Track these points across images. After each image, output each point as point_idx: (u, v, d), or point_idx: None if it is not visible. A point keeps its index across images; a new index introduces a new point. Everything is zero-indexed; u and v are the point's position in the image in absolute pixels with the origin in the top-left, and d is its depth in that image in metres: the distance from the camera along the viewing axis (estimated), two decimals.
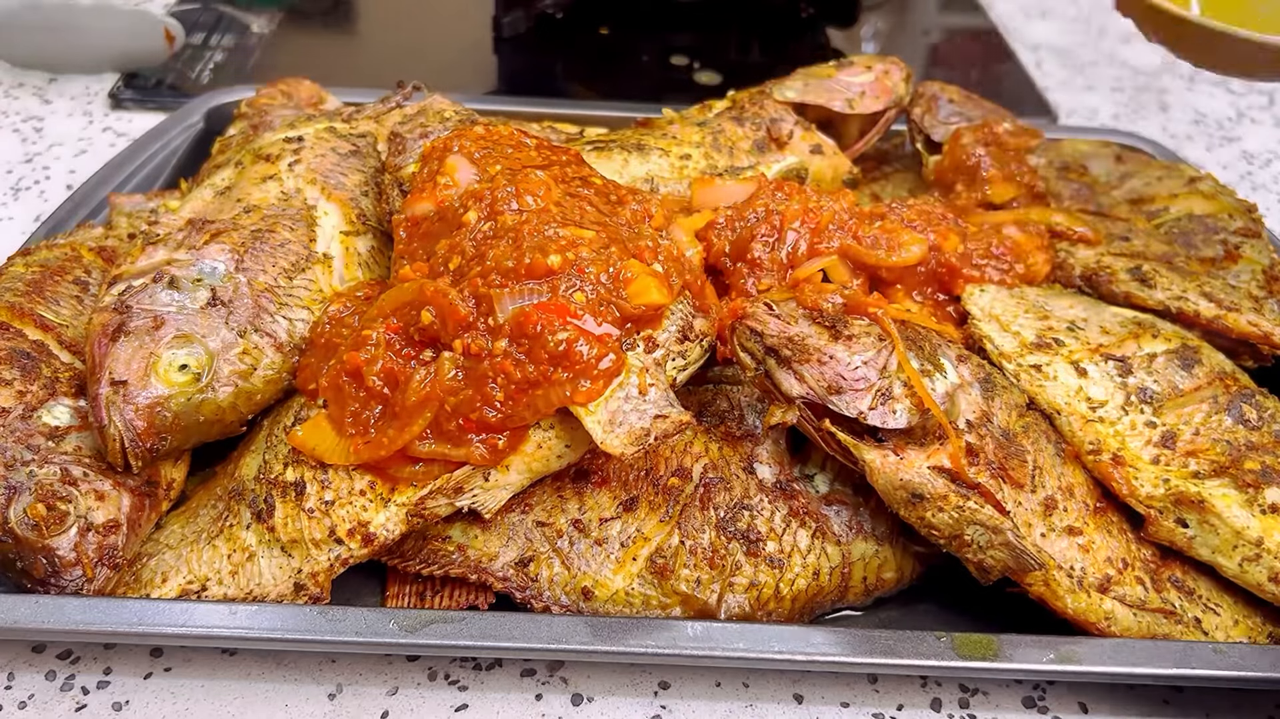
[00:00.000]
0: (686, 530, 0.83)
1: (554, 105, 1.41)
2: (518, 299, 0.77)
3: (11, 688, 0.78)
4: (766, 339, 0.79)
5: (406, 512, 0.78)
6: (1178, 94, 1.80)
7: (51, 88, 1.56)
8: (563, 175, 0.91)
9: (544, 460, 0.80)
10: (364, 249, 0.98)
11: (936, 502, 0.77)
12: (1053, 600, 0.79)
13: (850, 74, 1.23)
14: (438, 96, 1.18)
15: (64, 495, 0.79)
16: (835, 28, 1.93)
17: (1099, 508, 0.85)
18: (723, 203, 0.99)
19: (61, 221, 1.12)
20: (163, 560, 0.81)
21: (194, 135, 1.31)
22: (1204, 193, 1.16)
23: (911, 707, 0.81)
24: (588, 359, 0.75)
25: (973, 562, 0.79)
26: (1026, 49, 1.90)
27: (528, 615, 0.78)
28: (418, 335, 0.79)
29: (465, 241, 0.82)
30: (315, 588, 0.78)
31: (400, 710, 0.78)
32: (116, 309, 0.85)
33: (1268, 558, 0.82)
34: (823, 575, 0.84)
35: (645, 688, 0.81)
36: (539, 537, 0.83)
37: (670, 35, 1.84)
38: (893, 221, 0.98)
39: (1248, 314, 0.99)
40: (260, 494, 0.81)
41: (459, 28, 1.85)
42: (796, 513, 0.85)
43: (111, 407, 0.79)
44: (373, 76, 1.56)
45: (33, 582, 0.77)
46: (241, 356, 0.85)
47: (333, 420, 0.80)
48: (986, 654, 0.76)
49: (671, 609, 0.82)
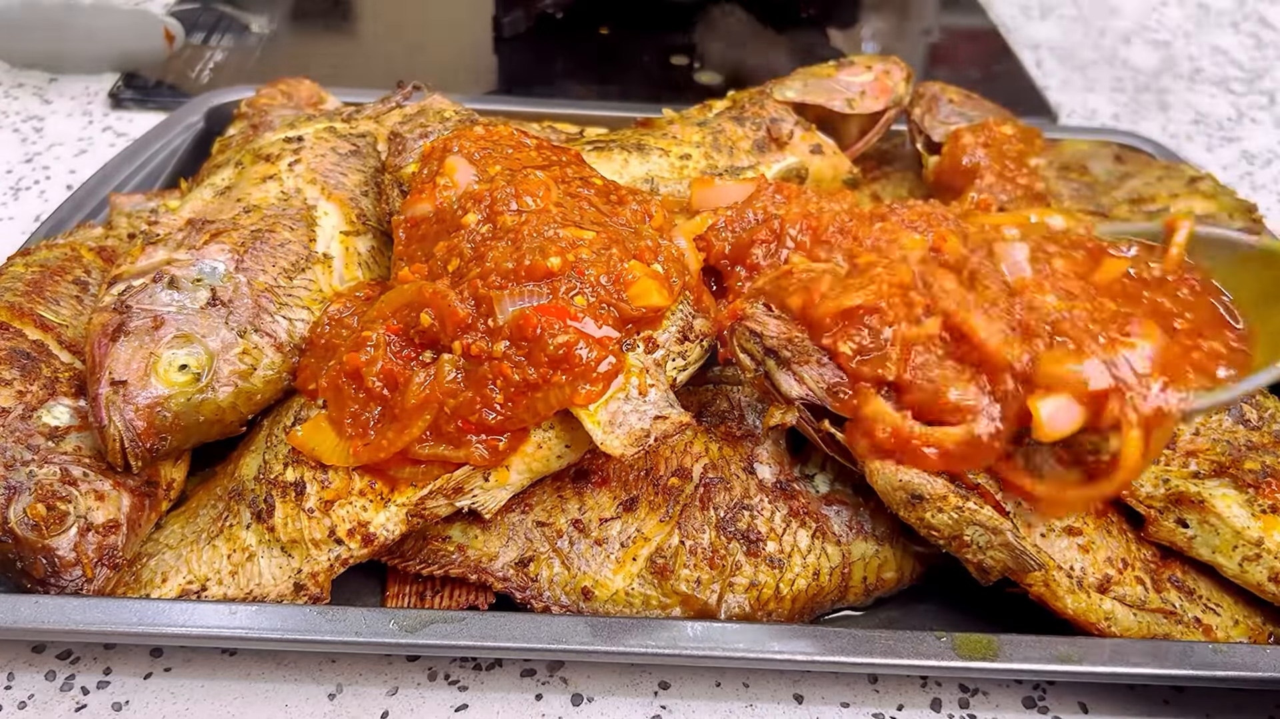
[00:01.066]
0: (686, 530, 0.83)
1: (554, 105, 1.41)
2: (518, 301, 0.76)
3: (11, 688, 0.78)
4: (766, 340, 0.79)
5: (406, 512, 0.78)
6: (1178, 94, 1.80)
7: (51, 88, 1.56)
8: (563, 176, 0.91)
9: (544, 460, 0.80)
10: (364, 249, 0.98)
11: (936, 502, 0.77)
12: (1052, 601, 0.79)
13: (850, 74, 1.23)
14: (438, 96, 1.19)
15: (64, 495, 0.79)
16: (835, 28, 1.93)
17: (1099, 508, 0.85)
18: (722, 203, 0.99)
19: (61, 221, 1.12)
20: (163, 560, 0.81)
21: (194, 135, 1.31)
22: (1204, 193, 1.16)
23: (911, 707, 0.81)
24: (587, 362, 0.75)
25: (972, 562, 0.79)
26: (1026, 49, 1.90)
27: (528, 615, 0.78)
28: (417, 337, 0.79)
29: (464, 243, 0.82)
30: (315, 588, 0.78)
31: (400, 710, 0.78)
32: (116, 309, 0.85)
33: (1268, 558, 0.82)
34: (823, 575, 0.84)
35: (645, 688, 0.81)
36: (539, 537, 0.83)
37: (670, 35, 1.84)
38: (893, 223, 0.97)
39: None
40: (260, 494, 0.81)
41: (459, 28, 1.85)
42: (796, 513, 0.85)
43: (111, 407, 0.79)
44: (373, 76, 1.56)
45: (33, 582, 0.77)
46: (241, 357, 0.85)
47: (332, 421, 0.80)
48: (986, 654, 0.76)
49: (671, 609, 0.82)
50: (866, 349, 0.78)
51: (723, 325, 0.83)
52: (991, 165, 1.14)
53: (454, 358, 0.77)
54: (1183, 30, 2.03)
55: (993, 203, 1.08)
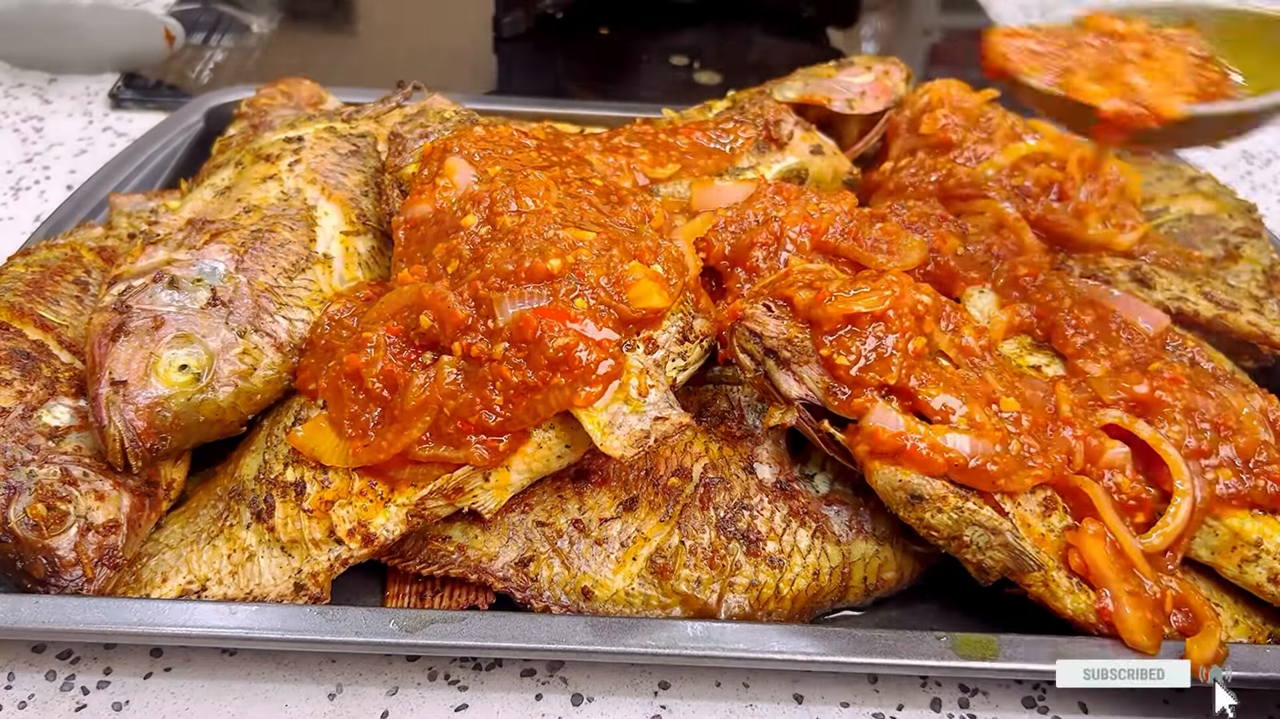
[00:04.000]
0: (686, 530, 0.83)
1: (554, 105, 1.41)
2: (518, 303, 0.76)
3: (11, 688, 0.78)
4: (766, 340, 0.79)
5: (406, 512, 0.78)
6: None
7: (51, 88, 1.56)
8: (563, 176, 0.91)
9: (544, 460, 0.80)
10: (364, 249, 0.98)
11: (935, 503, 0.77)
12: (1052, 601, 0.78)
13: (850, 74, 1.23)
14: (438, 96, 1.19)
15: (64, 495, 0.79)
16: (835, 28, 1.93)
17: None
18: (722, 204, 0.99)
19: (61, 221, 1.12)
20: (163, 560, 0.81)
21: (194, 135, 1.31)
22: (1204, 193, 1.16)
23: (911, 707, 0.81)
24: (587, 364, 0.75)
25: (972, 562, 0.79)
26: None
27: (528, 615, 0.78)
28: (417, 339, 0.79)
29: (462, 245, 0.82)
30: (315, 588, 0.78)
31: (400, 710, 0.78)
32: (116, 309, 0.85)
33: (1266, 558, 0.82)
34: (823, 575, 0.84)
35: (645, 688, 0.81)
36: (539, 537, 0.83)
37: (670, 35, 1.84)
38: (893, 224, 0.97)
39: (1248, 314, 0.99)
40: (260, 494, 0.81)
41: (459, 28, 1.85)
42: (796, 513, 0.85)
43: (111, 407, 0.79)
44: (373, 76, 1.56)
45: (33, 582, 0.77)
46: (241, 357, 0.85)
47: (332, 422, 0.80)
48: (986, 654, 0.76)
49: (671, 609, 0.82)
50: (867, 356, 0.78)
51: (723, 325, 0.83)
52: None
53: (454, 359, 0.77)
54: None
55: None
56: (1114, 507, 0.80)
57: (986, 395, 0.81)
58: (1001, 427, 0.79)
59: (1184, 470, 0.81)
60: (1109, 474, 0.82)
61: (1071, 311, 0.92)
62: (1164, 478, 0.82)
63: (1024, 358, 0.93)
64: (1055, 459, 0.79)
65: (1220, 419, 0.84)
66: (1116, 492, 0.81)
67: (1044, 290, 0.94)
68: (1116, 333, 0.91)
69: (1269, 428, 0.85)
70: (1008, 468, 0.77)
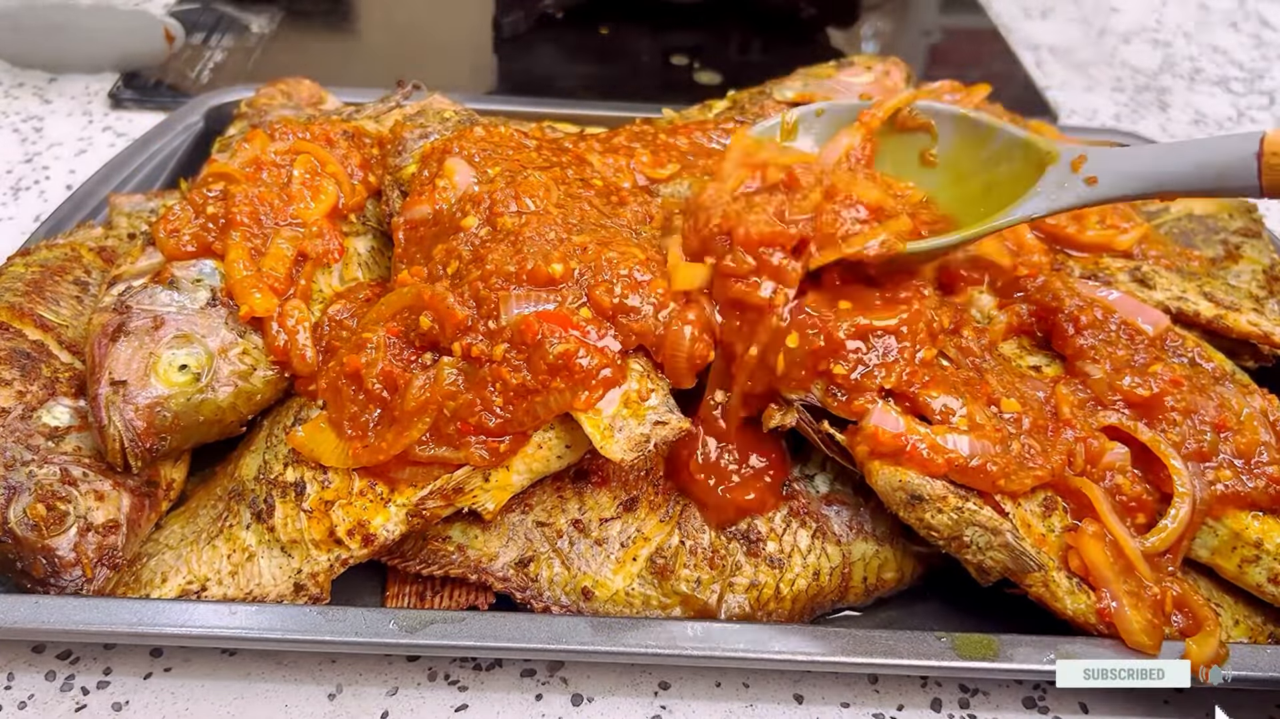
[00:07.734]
0: (686, 530, 0.83)
1: (554, 105, 1.41)
2: (520, 305, 0.76)
3: (11, 688, 0.78)
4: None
5: (406, 512, 0.78)
6: (1178, 94, 1.80)
7: (51, 88, 1.56)
8: (563, 177, 0.91)
9: (544, 461, 0.80)
10: (364, 249, 0.98)
11: (935, 503, 0.77)
12: (1052, 602, 0.78)
13: (850, 74, 1.23)
14: (438, 96, 1.18)
15: (64, 495, 0.79)
16: (835, 28, 1.93)
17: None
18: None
19: (61, 221, 1.11)
20: (162, 560, 0.81)
21: (194, 135, 1.31)
22: None
23: (912, 707, 0.81)
24: (588, 369, 0.75)
25: (972, 563, 0.79)
26: (1026, 49, 1.90)
27: (528, 615, 0.78)
28: (417, 340, 0.79)
29: (462, 246, 0.82)
30: (315, 588, 0.78)
31: (400, 710, 0.78)
32: (116, 309, 0.85)
33: (1267, 559, 0.82)
34: (823, 576, 0.84)
35: (645, 688, 0.81)
36: (539, 537, 0.83)
37: (670, 35, 1.84)
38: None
39: (1248, 314, 0.99)
40: (260, 494, 0.80)
41: (459, 28, 1.85)
42: (797, 513, 0.85)
43: (111, 407, 0.79)
44: (373, 76, 1.56)
45: (33, 582, 0.77)
46: (241, 357, 0.85)
47: (332, 423, 0.80)
48: (986, 654, 0.76)
49: (671, 609, 0.82)
50: (868, 365, 0.78)
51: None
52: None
53: (454, 360, 0.77)
54: (1183, 30, 2.03)
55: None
56: (1114, 508, 0.80)
57: (987, 396, 0.81)
58: (1002, 427, 0.79)
59: (1183, 472, 0.81)
60: (1109, 475, 0.82)
61: (1071, 312, 0.92)
62: (1164, 479, 0.82)
63: (1024, 358, 0.93)
64: (1055, 460, 0.79)
65: (1220, 420, 0.84)
66: (1117, 493, 0.81)
67: (1044, 291, 0.94)
68: (1116, 333, 0.91)
69: (1269, 428, 0.85)
70: (1008, 468, 0.77)
